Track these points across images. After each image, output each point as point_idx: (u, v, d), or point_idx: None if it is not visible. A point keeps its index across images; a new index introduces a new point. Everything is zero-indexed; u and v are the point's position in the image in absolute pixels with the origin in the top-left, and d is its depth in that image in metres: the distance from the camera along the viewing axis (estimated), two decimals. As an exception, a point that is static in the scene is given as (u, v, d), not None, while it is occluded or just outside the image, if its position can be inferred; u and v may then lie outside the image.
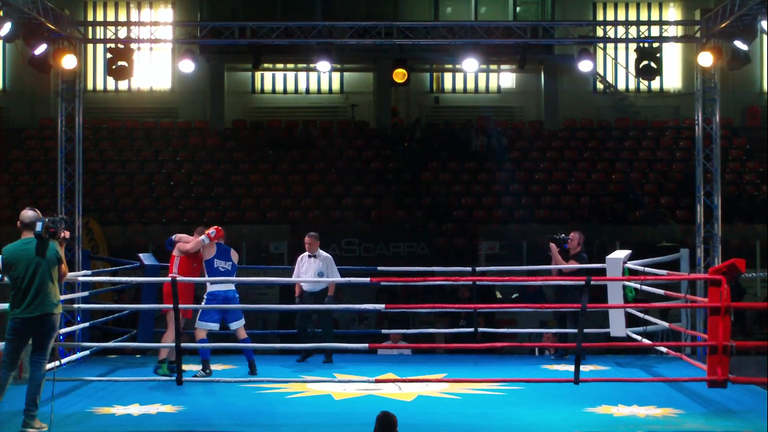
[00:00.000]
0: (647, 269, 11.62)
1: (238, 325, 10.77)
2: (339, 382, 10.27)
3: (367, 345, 10.18)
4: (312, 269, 11.85)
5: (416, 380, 10.01)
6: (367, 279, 10.65)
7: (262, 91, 26.07)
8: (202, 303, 10.67)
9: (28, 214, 8.14)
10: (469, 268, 12.82)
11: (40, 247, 8.00)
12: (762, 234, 19.85)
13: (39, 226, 7.98)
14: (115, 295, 16.22)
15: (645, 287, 11.62)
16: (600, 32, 16.89)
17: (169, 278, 9.75)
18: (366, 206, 22.34)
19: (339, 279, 11.70)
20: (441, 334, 14.81)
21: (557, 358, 12.06)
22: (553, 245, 12.06)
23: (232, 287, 10.69)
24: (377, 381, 9.62)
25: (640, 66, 13.60)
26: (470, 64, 13.89)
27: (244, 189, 22.78)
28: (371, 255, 19.91)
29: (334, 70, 23.79)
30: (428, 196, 22.53)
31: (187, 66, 14.03)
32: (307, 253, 11.94)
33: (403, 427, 6.84)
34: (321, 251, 11.94)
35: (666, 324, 11.85)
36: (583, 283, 9.15)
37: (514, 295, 18.10)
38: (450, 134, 24.45)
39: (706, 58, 12.88)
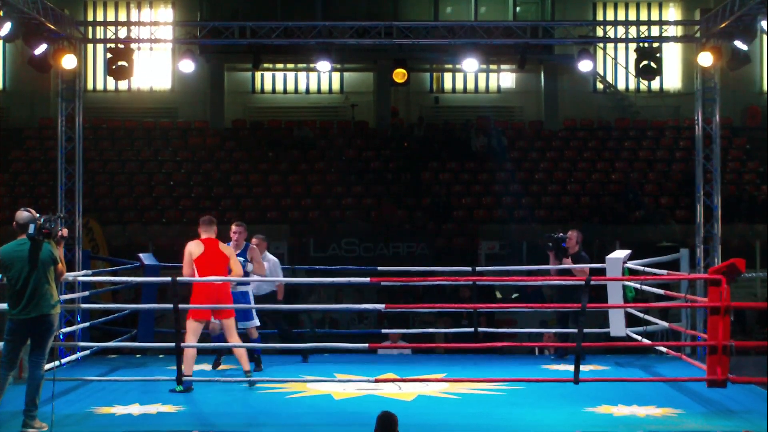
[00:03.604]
0: (647, 269, 11.62)
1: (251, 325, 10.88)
2: (339, 381, 10.27)
3: (367, 345, 10.18)
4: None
5: (416, 380, 10.01)
6: (367, 279, 10.66)
7: (262, 91, 26.08)
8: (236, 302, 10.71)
9: (22, 215, 8.11)
10: (469, 268, 12.82)
11: (32, 250, 7.98)
12: (762, 234, 19.85)
13: (31, 229, 7.96)
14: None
15: (645, 287, 11.62)
16: (600, 32, 16.89)
17: (168, 279, 9.75)
18: (366, 206, 22.34)
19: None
20: (441, 333, 14.81)
21: (557, 357, 12.06)
22: (551, 254, 12.09)
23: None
24: (377, 381, 9.62)
25: (640, 66, 13.60)
26: (470, 64, 13.89)
27: (243, 189, 22.78)
28: (371, 255, 19.91)
29: (334, 70, 23.79)
30: (428, 196, 22.53)
31: (187, 66, 14.04)
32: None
33: (404, 427, 6.83)
34: (268, 253, 11.71)
35: (666, 324, 11.86)
36: (583, 283, 9.15)
37: (514, 295, 18.10)
38: (450, 134, 24.44)
39: (706, 58, 12.88)
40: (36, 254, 7.99)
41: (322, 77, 25.81)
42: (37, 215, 8.09)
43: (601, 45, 24.27)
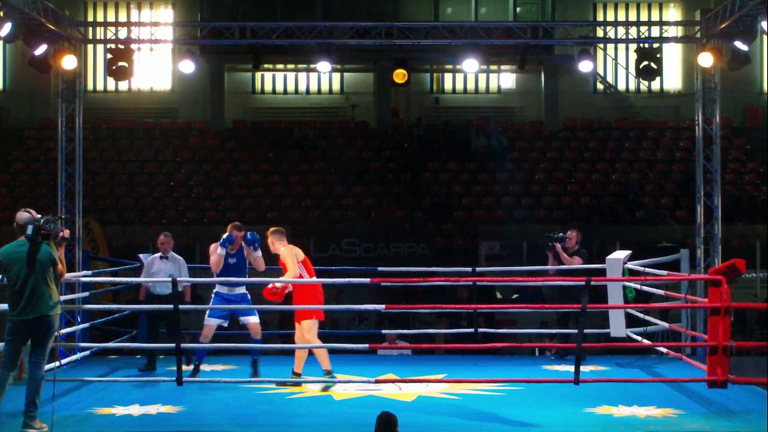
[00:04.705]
0: (647, 269, 11.62)
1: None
2: (339, 382, 10.27)
3: (367, 345, 10.18)
4: (164, 271, 11.38)
5: (416, 380, 10.02)
6: (367, 279, 10.65)
7: (262, 91, 26.08)
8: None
9: (22, 216, 8.10)
10: (469, 269, 12.82)
11: (31, 251, 7.97)
12: (762, 234, 19.85)
13: (30, 230, 7.95)
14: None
15: (645, 288, 11.62)
16: (600, 33, 16.94)
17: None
18: (366, 206, 22.34)
19: (192, 280, 11.52)
20: (441, 334, 14.81)
21: (557, 358, 12.06)
22: (549, 254, 12.08)
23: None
24: (377, 381, 9.62)
25: (640, 66, 13.60)
26: (470, 64, 13.89)
27: (244, 189, 22.78)
28: (371, 255, 19.92)
29: (334, 70, 23.77)
30: (428, 197, 22.53)
31: (187, 66, 14.04)
32: (159, 254, 11.50)
33: (404, 427, 6.83)
34: (173, 253, 11.52)
35: (666, 324, 11.86)
36: (583, 283, 9.15)
37: (514, 296, 18.10)
38: (450, 134, 24.45)
39: (706, 59, 12.88)
40: (34, 255, 7.98)
41: (322, 77, 25.81)
42: (38, 216, 8.08)
43: (602, 45, 24.29)
